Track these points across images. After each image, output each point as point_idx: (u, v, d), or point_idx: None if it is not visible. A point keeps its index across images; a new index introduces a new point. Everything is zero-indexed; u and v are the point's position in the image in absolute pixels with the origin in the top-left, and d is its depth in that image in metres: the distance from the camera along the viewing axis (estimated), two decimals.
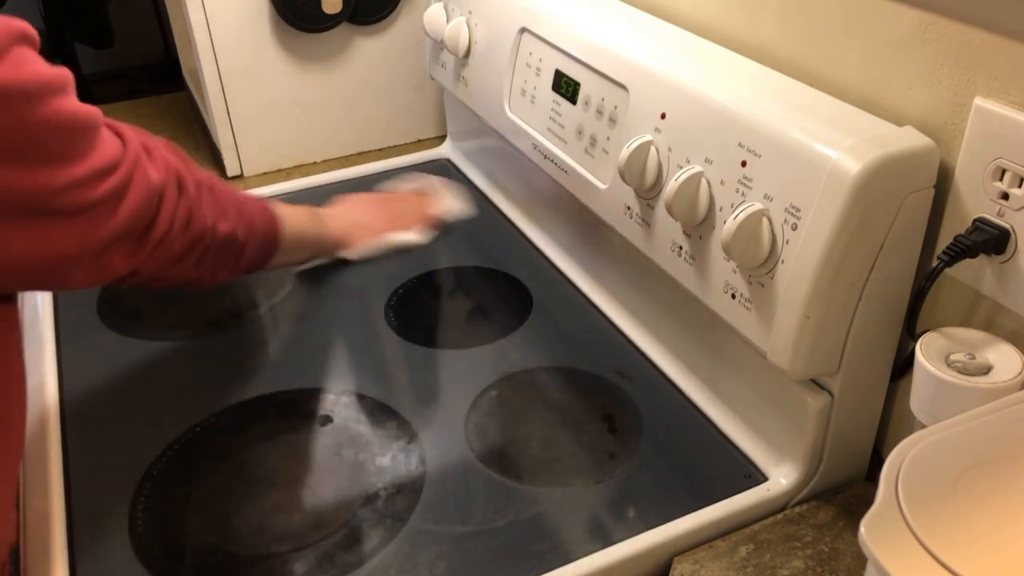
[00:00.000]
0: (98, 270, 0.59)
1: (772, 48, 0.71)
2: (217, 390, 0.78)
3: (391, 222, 0.97)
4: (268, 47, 1.11)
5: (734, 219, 0.59)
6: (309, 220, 0.88)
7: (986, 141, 0.55)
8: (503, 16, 0.90)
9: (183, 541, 0.64)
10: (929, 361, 0.53)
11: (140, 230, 0.61)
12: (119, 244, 0.59)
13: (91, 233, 0.56)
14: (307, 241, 0.88)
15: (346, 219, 0.95)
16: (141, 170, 0.60)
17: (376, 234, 0.95)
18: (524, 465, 0.70)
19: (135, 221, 0.59)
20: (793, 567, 0.60)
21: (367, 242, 0.94)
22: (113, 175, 0.56)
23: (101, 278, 0.60)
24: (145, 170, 0.60)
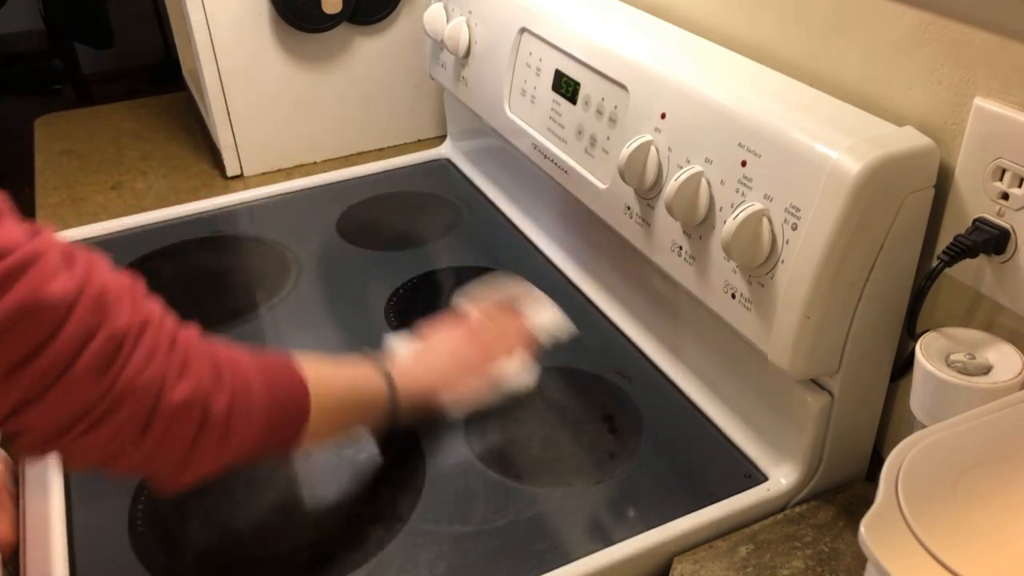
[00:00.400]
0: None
1: (772, 48, 0.71)
2: None
3: (487, 360, 0.74)
4: (268, 47, 1.11)
5: (734, 219, 0.59)
6: (358, 381, 0.65)
7: (986, 141, 0.55)
8: (503, 16, 0.90)
9: (183, 541, 0.64)
10: (929, 361, 0.53)
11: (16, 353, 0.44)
12: None
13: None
14: (360, 410, 0.65)
15: (426, 369, 0.71)
16: (36, 271, 0.45)
17: (473, 381, 0.72)
18: (524, 465, 0.69)
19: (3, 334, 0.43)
20: (793, 567, 0.60)
21: (464, 395, 0.72)
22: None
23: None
24: (42, 273, 0.45)
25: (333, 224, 1.03)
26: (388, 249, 0.98)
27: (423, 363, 0.72)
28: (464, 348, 0.74)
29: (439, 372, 0.71)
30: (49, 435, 0.47)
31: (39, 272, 0.45)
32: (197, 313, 0.88)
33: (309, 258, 0.97)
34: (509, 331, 0.78)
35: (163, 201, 1.10)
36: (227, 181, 1.16)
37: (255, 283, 0.94)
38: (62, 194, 1.13)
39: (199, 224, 1.04)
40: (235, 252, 0.99)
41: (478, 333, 0.76)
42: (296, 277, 0.94)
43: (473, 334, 0.75)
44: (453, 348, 0.74)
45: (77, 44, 3.01)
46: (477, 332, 0.76)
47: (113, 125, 1.32)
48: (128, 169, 1.20)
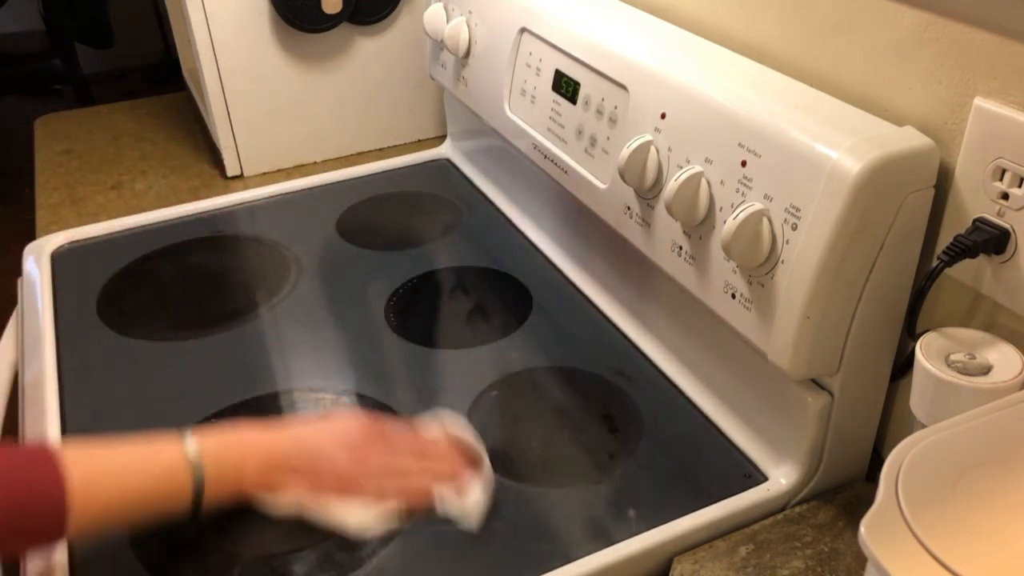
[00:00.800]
0: None
1: (772, 48, 0.71)
2: (217, 390, 0.78)
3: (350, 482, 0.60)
4: (268, 47, 1.11)
5: (734, 219, 0.59)
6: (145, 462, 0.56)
7: (986, 141, 0.55)
8: (503, 16, 0.90)
9: (183, 541, 0.64)
10: (929, 361, 0.53)
11: None
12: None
13: None
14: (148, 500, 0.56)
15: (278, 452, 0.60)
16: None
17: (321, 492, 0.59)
18: (524, 465, 0.69)
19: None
20: (793, 567, 0.60)
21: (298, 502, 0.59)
22: None
23: None
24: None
25: (333, 224, 1.03)
26: (388, 249, 0.98)
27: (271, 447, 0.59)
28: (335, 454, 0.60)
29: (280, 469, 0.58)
30: None
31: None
32: (197, 313, 0.88)
33: (309, 258, 0.97)
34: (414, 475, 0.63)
35: (163, 201, 1.10)
36: (227, 181, 1.16)
37: (255, 283, 0.94)
38: (62, 194, 1.13)
39: (199, 224, 1.04)
40: (235, 252, 0.99)
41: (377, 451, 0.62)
42: (296, 277, 0.94)
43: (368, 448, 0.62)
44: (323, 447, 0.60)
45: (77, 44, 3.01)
46: (378, 448, 0.62)
47: (113, 125, 1.32)
48: (128, 169, 1.20)
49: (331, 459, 0.60)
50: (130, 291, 0.92)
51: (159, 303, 0.91)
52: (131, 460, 0.55)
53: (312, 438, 0.61)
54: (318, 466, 0.59)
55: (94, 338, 0.85)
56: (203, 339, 0.85)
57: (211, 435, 0.57)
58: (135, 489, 0.54)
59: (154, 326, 0.87)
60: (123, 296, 0.91)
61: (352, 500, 0.59)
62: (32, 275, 0.94)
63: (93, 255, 0.98)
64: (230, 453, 0.58)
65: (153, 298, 0.92)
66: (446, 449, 0.65)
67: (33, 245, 0.99)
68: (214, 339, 0.85)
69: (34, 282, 0.93)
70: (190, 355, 0.83)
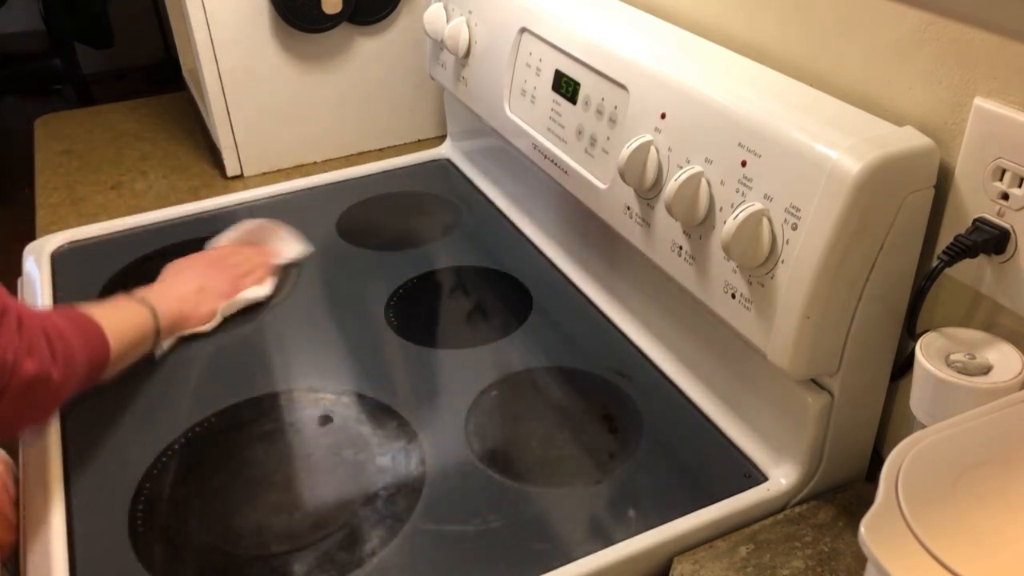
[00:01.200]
0: None
1: (772, 48, 0.71)
2: (217, 390, 0.78)
3: (231, 281, 0.88)
4: (268, 47, 1.11)
5: (734, 219, 0.59)
6: (133, 318, 0.78)
7: (986, 141, 0.55)
8: (503, 16, 0.90)
9: (183, 541, 0.64)
10: (929, 361, 0.53)
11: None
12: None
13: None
14: (138, 342, 0.77)
15: (176, 293, 0.85)
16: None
17: (218, 298, 0.86)
18: (524, 465, 0.70)
19: None
20: (793, 567, 0.60)
21: (210, 310, 0.85)
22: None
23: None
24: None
25: (333, 224, 1.03)
26: (388, 249, 0.98)
27: (174, 292, 0.85)
28: (209, 275, 0.88)
29: (186, 298, 0.85)
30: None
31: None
32: None
33: (309, 258, 0.97)
34: (250, 258, 0.93)
35: (163, 201, 1.10)
36: (227, 181, 1.16)
37: None
38: (62, 194, 1.13)
39: (199, 224, 1.04)
40: None
41: (222, 261, 0.91)
42: (296, 277, 0.94)
43: (217, 262, 0.91)
44: (199, 277, 0.87)
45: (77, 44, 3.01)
46: (221, 260, 0.91)
47: (113, 125, 1.32)
48: (128, 169, 1.20)
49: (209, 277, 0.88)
50: (130, 291, 0.92)
51: None
52: (122, 317, 0.77)
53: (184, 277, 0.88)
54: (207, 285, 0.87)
55: None
56: (203, 339, 0.85)
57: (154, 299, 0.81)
58: (131, 336, 0.76)
59: None
60: None
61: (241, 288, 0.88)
62: (32, 275, 0.94)
63: (93, 255, 0.98)
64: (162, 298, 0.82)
65: None
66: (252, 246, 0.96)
67: (33, 245, 0.99)
68: (214, 339, 0.85)
69: (34, 282, 0.93)
70: (191, 355, 0.83)
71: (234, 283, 0.88)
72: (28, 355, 0.62)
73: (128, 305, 0.79)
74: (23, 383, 0.61)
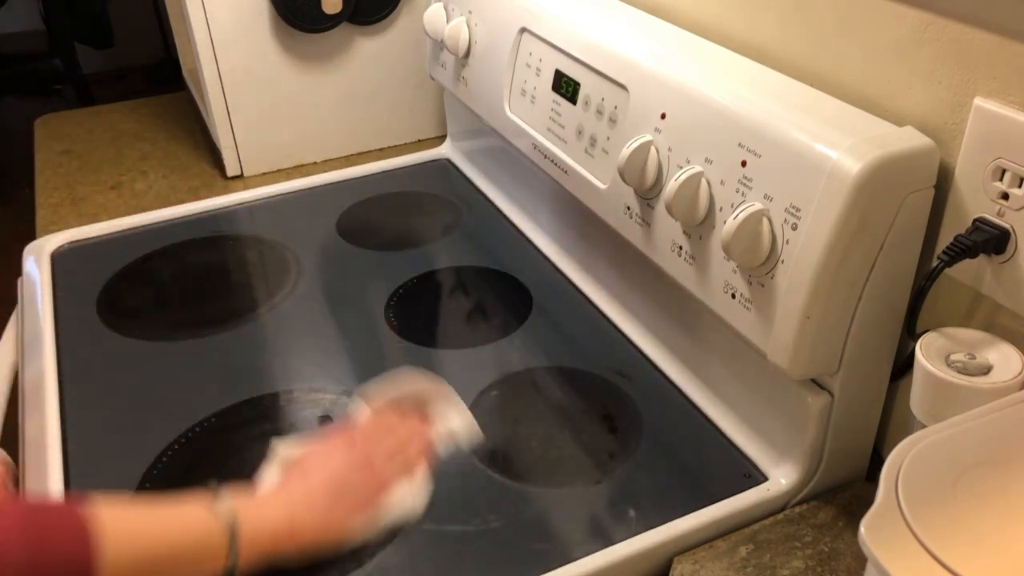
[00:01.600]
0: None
1: (772, 48, 0.71)
2: (217, 390, 0.78)
3: (378, 482, 0.63)
4: (268, 47, 1.11)
5: (734, 219, 0.59)
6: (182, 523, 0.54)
7: (986, 141, 0.55)
8: (503, 16, 0.90)
9: None
10: (929, 361, 0.53)
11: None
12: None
13: None
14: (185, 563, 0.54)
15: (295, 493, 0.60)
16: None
17: (360, 509, 0.61)
18: (524, 465, 0.69)
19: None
20: (793, 567, 0.60)
21: (347, 528, 0.61)
22: None
23: None
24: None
25: (333, 224, 1.03)
26: (388, 249, 0.98)
27: (292, 498, 0.59)
28: (348, 474, 0.62)
29: (312, 509, 0.59)
30: None
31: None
32: (197, 313, 0.88)
33: (309, 258, 0.97)
34: (407, 445, 0.66)
35: (163, 201, 1.10)
36: (227, 181, 1.16)
37: (255, 283, 0.94)
38: (62, 194, 1.13)
39: (199, 224, 1.04)
40: (235, 252, 0.99)
41: (368, 450, 0.64)
42: (296, 277, 0.94)
43: (362, 453, 0.64)
44: (333, 475, 0.61)
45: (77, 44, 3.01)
46: (367, 449, 0.64)
47: (113, 125, 1.32)
48: (128, 169, 1.20)
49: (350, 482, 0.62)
50: (130, 291, 0.92)
51: (159, 303, 0.91)
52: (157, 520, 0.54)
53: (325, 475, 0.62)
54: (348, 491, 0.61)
55: (94, 338, 0.85)
56: (203, 339, 0.85)
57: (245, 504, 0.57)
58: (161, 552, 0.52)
59: (154, 326, 0.87)
60: (123, 296, 0.91)
61: (389, 493, 0.63)
62: (32, 275, 0.94)
63: (93, 255, 0.98)
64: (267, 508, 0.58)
65: (153, 298, 0.92)
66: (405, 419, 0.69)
67: (33, 245, 0.99)
68: (214, 339, 0.85)
69: (34, 282, 0.93)
70: (190, 355, 0.83)
71: (380, 485, 0.63)
72: None
73: (190, 507, 0.55)
74: None
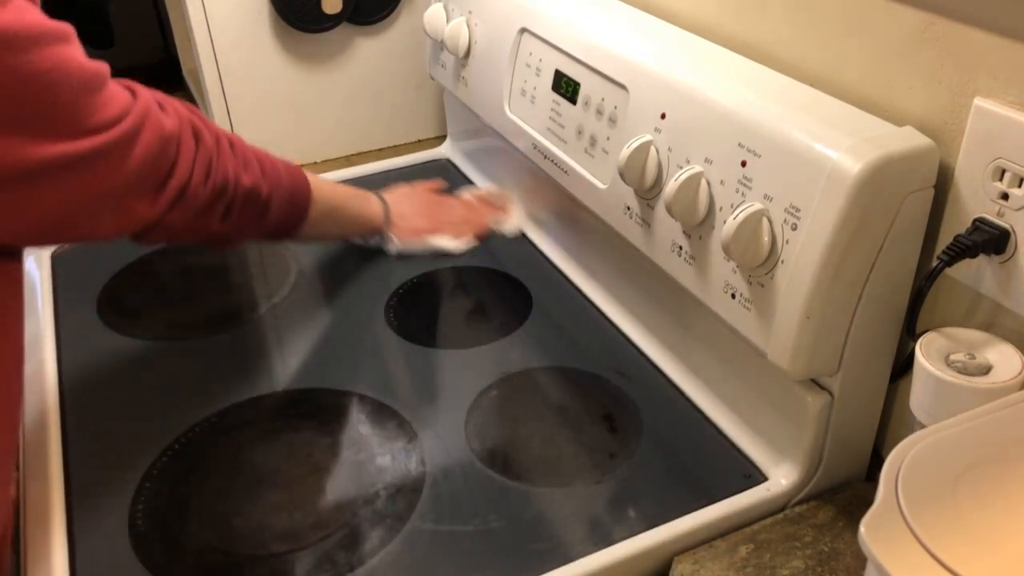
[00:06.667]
0: (123, 218, 0.61)
1: (772, 48, 0.71)
2: (217, 390, 0.78)
3: (438, 224, 0.97)
4: (268, 47, 1.11)
5: (734, 219, 0.59)
6: (350, 196, 0.88)
7: (986, 141, 0.55)
8: (503, 16, 0.90)
9: (183, 541, 0.64)
10: (929, 361, 0.53)
11: (159, 177, 0.62)
12: (139, 191, 0.60)
13: (105, 179, 0.57)
14: (344, 215, 0.87)
15: (394, 208, 0.94)
16: (153, 118, 0.61)
17: (420, 233, 0.95)
18: (524, 465, 0.70)
19: (149, 167, 0.60)
20: (793, 567, 0.60)
21: (409, 238, 0.94)
22: (123, 122, 0.57)
23: (128, 226, 0.62)
24: (158, 118, 0.61)
25: None
26: None
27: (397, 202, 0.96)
28: (426, 208, 0.99)
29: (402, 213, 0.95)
30: (180, 228, 0.66)
31: (155, 117, 0.61)
32: (197, 313, 0.88)
33: (309, 258, 0.97)
34: (468, 211, 1.01)
35: None
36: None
37: (255, 283, 0.94)
38: None
39: None
40: (235, 252, 0.99)
41: (441, 203, 1.01)
42: (296, 277, 0.94)
43: (436, 202, 1.00)
44: (418, 203, 0.98)
45: None
46: (440, 202, 1.01)
47: None
48: None
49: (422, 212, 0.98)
50: (130, 291, 0.92)
51: (159, 303, 0.91)
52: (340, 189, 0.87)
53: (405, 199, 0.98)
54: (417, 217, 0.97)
55: (94, 338, 0.85)
56: (203, 339, 0.85)
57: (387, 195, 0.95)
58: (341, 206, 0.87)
59: (154, 326, 0.87)
60: (123, 296, 0.91)
61: (440, 235, 0.96)
62: (32, 275, 0.94)
63: (93, 255, 0.98)
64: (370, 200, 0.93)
65: (153, 298, 0.92)
66: (480, 204, 1.03)
67: None
68: (214, 339, 0.85)
69: (34, 282, 0.93)
70: (190, 355, 0.83)
71: (438, 226, 0.96)
72: (244, 171, 0.70)
73: (350, 187, 0.89)
74: (243, 196, 0.70)
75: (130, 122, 0.58)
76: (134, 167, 0.59)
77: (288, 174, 0.77)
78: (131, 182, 0.59)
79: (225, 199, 0.68)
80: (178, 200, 0.64)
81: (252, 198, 0.71)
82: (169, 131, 0.62)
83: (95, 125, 0.55)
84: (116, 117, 0.57)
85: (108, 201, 0.58)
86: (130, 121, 0.58)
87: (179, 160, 0.63)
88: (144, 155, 0.59)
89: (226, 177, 0.68)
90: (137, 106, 0.59)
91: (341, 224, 0.89)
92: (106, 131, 0.56)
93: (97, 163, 0.56)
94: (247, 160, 0.71)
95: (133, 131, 0.58)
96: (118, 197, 0.59)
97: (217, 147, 0.68)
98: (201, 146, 0.66)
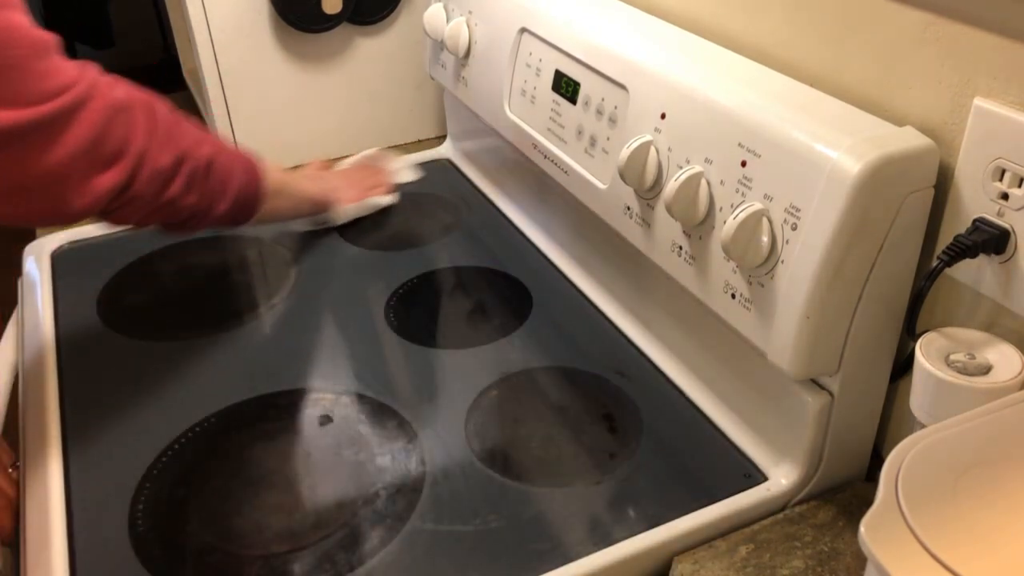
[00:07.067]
0: (88, 190, 0.61)
1: (772, 48, 0.71)
2: (217, 390, 0.78)
3: (363, 190, 1.03)
4: (268, 47, 1.11)
5: (734, 219, 0.59)
6: (286, 173, 0.91)
7: (986, 141, 0.55)
8: (503, 16, 0.90)
9: (183, 541, 0.64)
10: (929, 361, 0.53)
11: (114, 145, 0.62)
12: (94, 161, 0.60)
13: (56, 150, 0.57)
14: (290, 192, 0.90)
15: (320, 183, 0.98)
16: (101, 89, 0.61)
17: (357, 199, 1.01)
18: (524, 465, 0.70)
19: (100, 135, 0.60)
20: (793, 567, 0.60)
21: (347, 205, 1.00)
22: (67, 93, 0.57)
23: (95, 199, 0.62)
24: (107, 89, 0.62)
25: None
26: (388, 249, 0.98)
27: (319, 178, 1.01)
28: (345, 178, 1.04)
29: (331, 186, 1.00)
30: (148, 200, 0.66)
31: (103, 89, 0.61)
32: (197, 313, 0.88)
33: (309, 258, 0.97)
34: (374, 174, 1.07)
35: None
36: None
37: (255, 283, 0.94)
38: None
39: None
40: (235, 252, 0.99)
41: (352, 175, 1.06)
42: (296, 277, 0.94)
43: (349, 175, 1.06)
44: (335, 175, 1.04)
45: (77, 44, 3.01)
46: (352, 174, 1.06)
47: None
48: None
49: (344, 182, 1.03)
50: (130, 291, 0.92)
51: (159, 303, 0.91)
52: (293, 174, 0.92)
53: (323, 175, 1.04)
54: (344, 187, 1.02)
55: (94, 338, 0.85)
56: (203, 339, 0.85)
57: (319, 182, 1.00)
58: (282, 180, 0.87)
59: (154, 326, 0.87)
60: (123, 296, 0.91)
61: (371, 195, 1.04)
62: (32, 275, 0.94)
63: (93, 255, 0.98)
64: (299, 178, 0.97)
65: (153, 298, 0.92)
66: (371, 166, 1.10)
67: (33, 245, 0.99)
68: (214, 339, 0.85)
69: (34, 282, 0.93)
70: (190, 355, 0.83)
71: (364, 191, 1.04)
72: (203, 140, 0.72)
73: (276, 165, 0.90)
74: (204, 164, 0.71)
75: (75, 93, 0.58)
76: (82, 137, 0.58)
77: (237, 150, 0.79)
78: (80, 153, 0.59)
79: (188, 167, 0.69)
80: (139, 167, 0.64)
81: (214, 166, 0.73)
82: (119, 100, 0.62)
83: (39, 94, 0.55)
84: (62, 87, 0.56)
85: (62, 174, 0.58)
86: (75, 92, 0.58)
87: (134, 127, 0.64)
88: (92, 125, 0.59)
89: (187, 144, 0.69)
90: (84, 77, 0.59)
91: (289, 203, 0.90)
92: (49, 101, 0.56)
93: (38, 134, 0.56)
94: (202, 134, 0.73)
95: (77, 102, 0.58)
96: (77, 169, 0.59)
97: (174, 117, 0.69)
98: (157, 115, 0.67)
